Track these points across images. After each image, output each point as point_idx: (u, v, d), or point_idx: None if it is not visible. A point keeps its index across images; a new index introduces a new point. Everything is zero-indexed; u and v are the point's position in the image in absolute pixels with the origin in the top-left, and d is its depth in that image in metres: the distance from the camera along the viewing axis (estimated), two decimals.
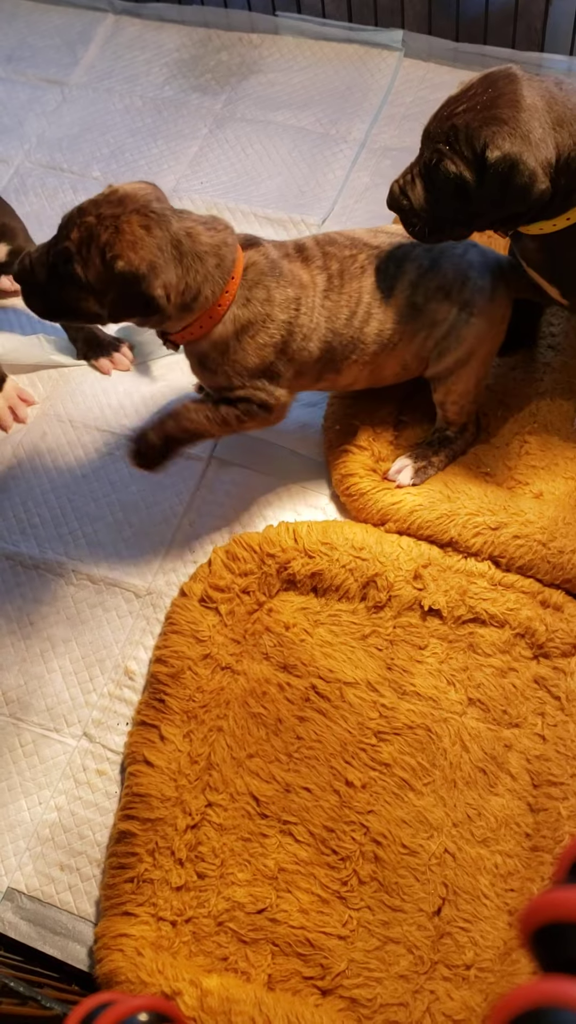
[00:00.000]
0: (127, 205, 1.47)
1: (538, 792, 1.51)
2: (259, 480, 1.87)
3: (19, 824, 1.60)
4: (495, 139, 1.37)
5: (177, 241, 1.49)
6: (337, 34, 2.56)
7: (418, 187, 1.49)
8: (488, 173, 1.39)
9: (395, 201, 1.52)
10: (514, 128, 1.37)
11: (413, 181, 1.49)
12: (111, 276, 1.45)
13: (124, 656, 1.71)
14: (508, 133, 1.37)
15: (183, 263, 1.49)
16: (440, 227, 1.52)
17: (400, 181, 1.51)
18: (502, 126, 1.37)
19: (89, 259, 1.46)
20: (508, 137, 1.37)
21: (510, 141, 1.37)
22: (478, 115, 1.39)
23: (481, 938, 1.41)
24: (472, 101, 1.40)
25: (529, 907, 0.58)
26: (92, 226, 1.46)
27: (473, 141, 1.39)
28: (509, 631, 1.63)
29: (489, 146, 1.37)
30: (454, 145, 1.41)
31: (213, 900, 1.46)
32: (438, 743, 1.55)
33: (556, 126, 1.40)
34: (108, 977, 1.41)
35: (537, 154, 1.38)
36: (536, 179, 1.38)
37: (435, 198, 1.48)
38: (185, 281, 1.50)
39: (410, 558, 1.68)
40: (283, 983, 1.40)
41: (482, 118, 1.38)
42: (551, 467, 1.79)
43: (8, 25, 2.76)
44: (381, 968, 1.40)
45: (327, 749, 1.55)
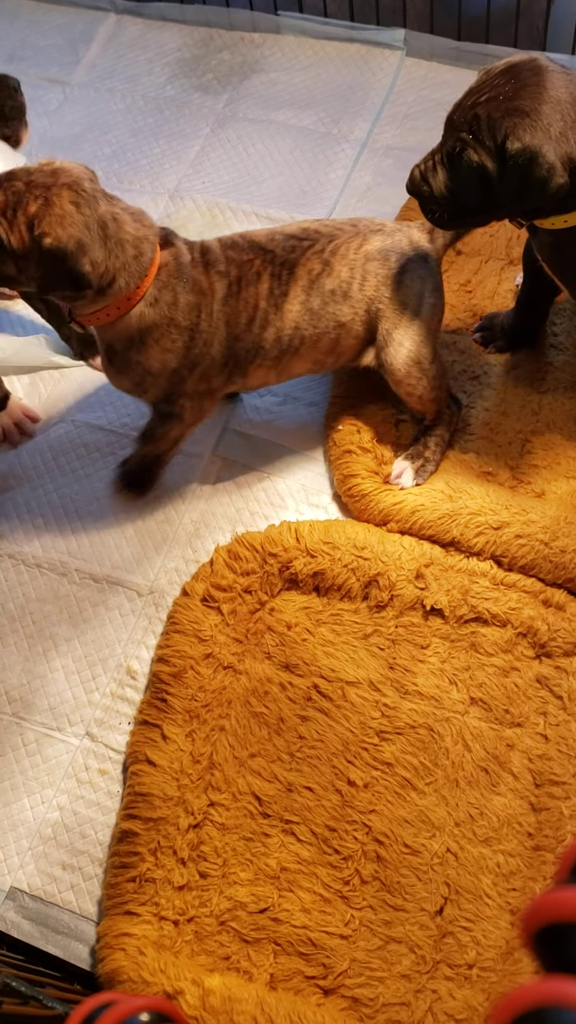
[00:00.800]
0: (59, 178, 1.47)
1: (540, 791, 1.51)
2: (261, 479, 1.87)
3: (22, 823, 1.60)
4: (516, 130, 1.36)
5: (103, 223, 1.49)
6: (339, 33, 2.56)
7: (440, 174, 1.48)
8: (508, 164, 1.38)
9: (416, 187, 1.51)
10: (535, 120, 1.36)
11: (435, 168, 1.48)
12: (39, 251, 1.46)
13: (126, 655, 1.71)
14: (529, 125, 1.36)
15: (107, 246, 1.50)
16: (461, 214, 1.52)
17: (421, 167, 1.50)
18: (524, 118, 1.36)
19: (14, 225, 1.46)
20: (529, 129, 1.36)
21: (531, 133, 1.36)
22: (500, 105, 1.37)
23: (483, 937, 1.41)
24: (496, 91, 1.39)
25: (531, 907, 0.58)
26: (20, 192, 1.45)
27: (495, 131, 1.38)
28: (511, 630, 1.63)
29: (510, 137, 1.36)
30: (477, 134, 1.40)
31: (215, 899, 1.46)
32: (440, 742, 1.55)
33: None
34: (110, 976, 1.41)
35: (557, 148, 1.37)
36: (555, 173, 1.37)
37: (457, 186, 1.47)
38: (106, 265, 1.51)
39: (412, 557, 1.68)
40: (285, 982, 1.40)
41: (504, 108, 1.37)
42: (553, 466, 1.79)
43: (10, 24, 2.77)
44: (383, 967, 1.40)
45: (329, 748, 1.55)
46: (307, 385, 1.98)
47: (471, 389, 1.89)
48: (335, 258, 1.66)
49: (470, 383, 1.90)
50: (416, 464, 1.77)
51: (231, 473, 1.88)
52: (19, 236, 1.46)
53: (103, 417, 1.98)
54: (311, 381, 1.98)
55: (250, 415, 1.95)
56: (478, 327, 1.96)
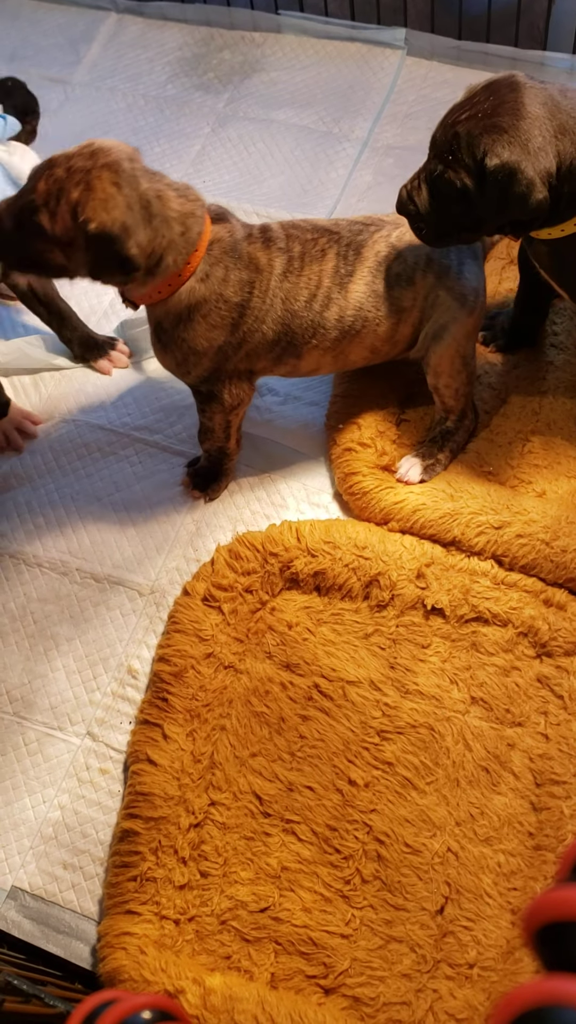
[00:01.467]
0: (98, 159, 1.46)
1: (541, 791, 1.51)
2: (262, 479, 1.87)
3: (23, 823, 1.60)
4: (494, 147, 1.38)
5: (147, 202, 1.48)
6: (340, 32, 2.55)
7: (423, 193, 1.50)
8: (488, 181, 1.40)
9: (403, 206, 1.54)
10: (514, 136, 1.38)
11: (419, 187, 1.51)
12: (85, 238, 1.46)
13: (127, 655, 1.72)
14: (508, 142, 1.38)
15: (152, 225, 1.49)
16: (446, 232, 1.53)
17: (408, 186, 1.53)
18: (502, 134, 1.38)
19: (57, 213, 1.45)
20: (507, 146, 1.38)
21: (509, 150, 1.38)
22: (479, 123, 1.40)
23: (484, 937, 1.41)
24: (475, 109, 1.41)
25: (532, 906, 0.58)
26: (61, 180, 1.45)
27: (473, 149, 1.40)
28: (512, 630, 1.63)
29: (488, 154, 1.38)
30: (456, 154, 1.42)
31: (216, 899, 1.46)
32: (441, 742, 1.55)
33: (558, 134, 1.40)
34: (111, 975, 1.41)
35: (536, 163, 1.38)
36: (534, 188, 1.39)
37: (439, 206, 1.49)
38: (152, 245, 1.50)
39: (413, 557, 1.68)
40: (286, 982, 1.40)
41: (483, 126, 1.39)
42: (554, 466, 1.79)
43: (11, 24, 2.77)
44: (384, 967, 1.40)
45: (330, 748, 1.55)
46: (308, 384, 1.98)
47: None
48: (402, 244, 1.66)
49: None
50: (426, 462, 1.77)
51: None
52: (63, 224, 1.45)
53: (104, 417, 1.98)
54: (312, 380, 1.98)
55: (251, 415, 1.95)
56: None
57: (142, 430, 1.95)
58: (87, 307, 2.14)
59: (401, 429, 1.85)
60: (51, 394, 2.04)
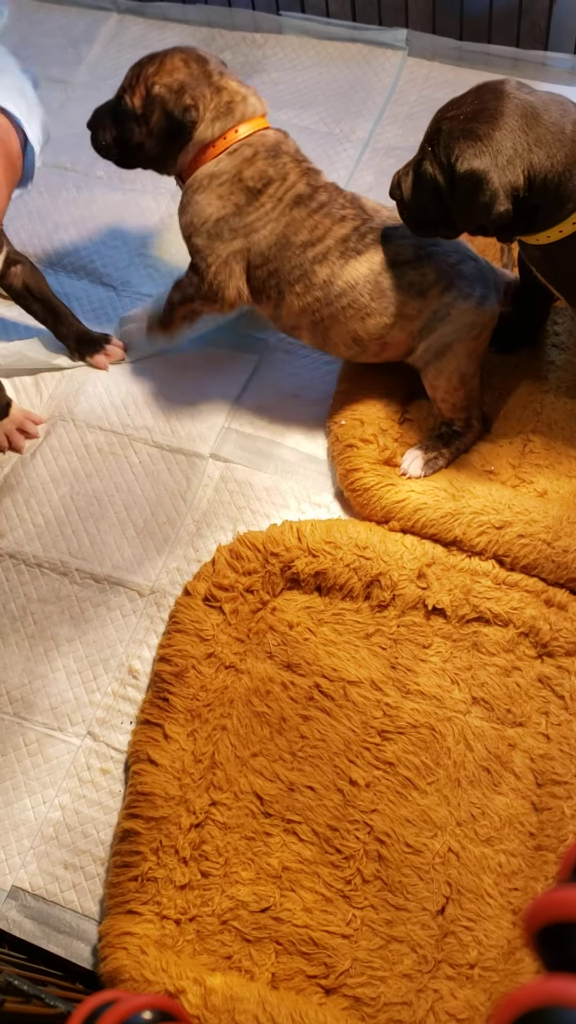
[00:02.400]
0: (175, 49, 1.73)
1: (542, 791, 1.51)
2: (263, 479, 1.87)
3: (23, 823, 1.60)
4: (464, 153, 1.40)
5: (208, 73, 1.71)
6: (341, 33, 2.55)
7: (408, 181, 1.54)
8: (456, 184, 1.43)
9: (393, 190, 1.58)
10: (486, 146, 1.39)
11: (407, 174, 1.54)
12: (151, 101, 1.69)
13: (128, 655, 1.72)
14: (480, 150, 1.39)
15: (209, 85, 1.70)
16: (425, 222, 1.57)
17: (400, 171, 1.56)
18: (476, 142, 1.40)
19: (136, 89, 1.71)
20: (478, 154, 1.39)
21: (479, 159, 1.39)
22: (459, 125, 1.42)
23: (485, 937, 1.41)
24: (460, 109, 1.43)
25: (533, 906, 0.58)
26: (143, 64, 1.72)
27: (448, 149, 1.42)
28: (513, 630, 1.63)
29: (459, 159, 1.40)
30: (435, 148, 1.45)
31: (217, 899, 1.46)
32: (442, 742, 1.55)
33: (534, 146, 1.41)
34: (112, 975, 1.41)
35: (502, 176, 1.40)
36: (496, 200, 1.40)
37: (418, 194, 1.53)
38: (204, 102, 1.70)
39: (414, 557, 1.68)
40: (287, 982, 1.40)
41: (461, 129, 1.41)
42: (555, 465, 1.79)
43: (12, 24, 2.77)
44: (385, 967, 1.40)
45: (331, 748, 1.55)
46: (309, 383, 1.98)
47: None
48: (429, 259, 1.67)
49: None
50: (429, 455, 1.78)
51: (233, 472, 1.88)
52: (139, 95, 1.70)
53: (104, 417, 1.98)
54: (313, 378, 1.98)
55: (252, 414, 1.95)
56: None
57: (142, 430, 1.95)
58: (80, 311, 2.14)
59: (404, 427, 1.85)
60: (52, 394, 2.04)
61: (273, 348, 2.04)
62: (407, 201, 1.56)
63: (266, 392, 1.98)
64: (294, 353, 2.03)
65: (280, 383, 1.99)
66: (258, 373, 2.01)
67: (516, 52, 2.41)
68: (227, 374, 2.00)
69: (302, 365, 2.01)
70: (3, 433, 1.95)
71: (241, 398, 1.98)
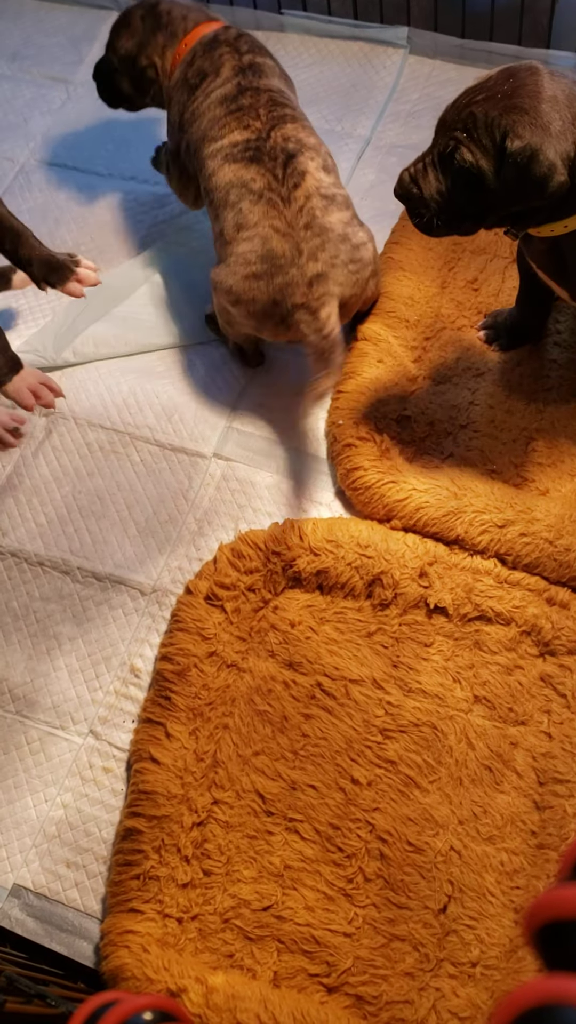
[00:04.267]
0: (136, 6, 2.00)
1: (544, 790, 1.51)
2: (264, 478, 1.87)
3: (25, 821, 1.60)
4: (516, 128, 1.34)
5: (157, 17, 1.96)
6: (342, 31, 2.55)
7: (430, 176, 1.44)
8: (507, 163, 1.35)
9: (405, 189, 1.48)
10: (535, 118, 1.34)
11: (425, 170, 1.45)
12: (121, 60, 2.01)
13: (130, 654, 1.72)
14: (529, 123, 1.34)
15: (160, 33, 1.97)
16: (450, 219, 1.48)
17: (411, 169, 1.47)
18: (523, 115, 1.34)
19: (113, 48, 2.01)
20: (529, 126, 1.34)
21: (531, 131, 1.34)
22: (498, 104, 1.35)
23: (487, 935, 1.41)
24: (492, 91, 1.37)
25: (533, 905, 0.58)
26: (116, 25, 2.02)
27: (493, 130, 1.35)
28: (515, 629, 1.62)
29: (509, 135, 1.34)
30: (472, 133, 1.37)
31: (219, 897, 1.46)
32: (444, 741, 1.55)
33: (575, 122, 1.37)
34: (114, 974, 1.42)
35: (557, 146, 1.34)
36: (555, 171, 1.35)
37: (448, 188, 1.43)
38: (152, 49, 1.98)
39: (416, 556, 1.68)
40: (289, 980, 1.40)
41: (503, 107, 1.35)
42: (557, 464, 1.79)
43: (13, 23, 2.77)
44: (387, 965, 1.40)
45: (333, 747, 1.55)
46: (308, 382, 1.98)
47: (475, 386, 1.88)
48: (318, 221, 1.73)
49: (474, 380, 1.89)
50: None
51: (234, 471, 1.88)
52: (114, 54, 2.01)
53: (105, 416, 1.98)
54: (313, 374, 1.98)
55: (253, 414, 1.95)
56: (482, 325, 1.95)
57: (144, 429, 1.95)
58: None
59: (401, 425, 1.85)
60: None
61: (274, 349, 2.04)
62: (428, 199, 1.46)
63: (267, 391, 1.98)
64: (294, 353, 2.03)
65: (281, 382, 1.98)
66: (259, 373, 2.01)
67: (518, 50, 2.40)
68: (228, 373, 2.01)
69: (303, 364, 2.01)
70: (26, 388, 1.85)
71: (242, 397, 1.97)
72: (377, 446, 1.80)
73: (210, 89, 1.83)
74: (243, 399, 1.97)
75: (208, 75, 1.85)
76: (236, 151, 1.76)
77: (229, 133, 1.78)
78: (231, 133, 1.78)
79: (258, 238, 1.71)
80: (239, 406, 1.96)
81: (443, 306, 2.00)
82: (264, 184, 1.72)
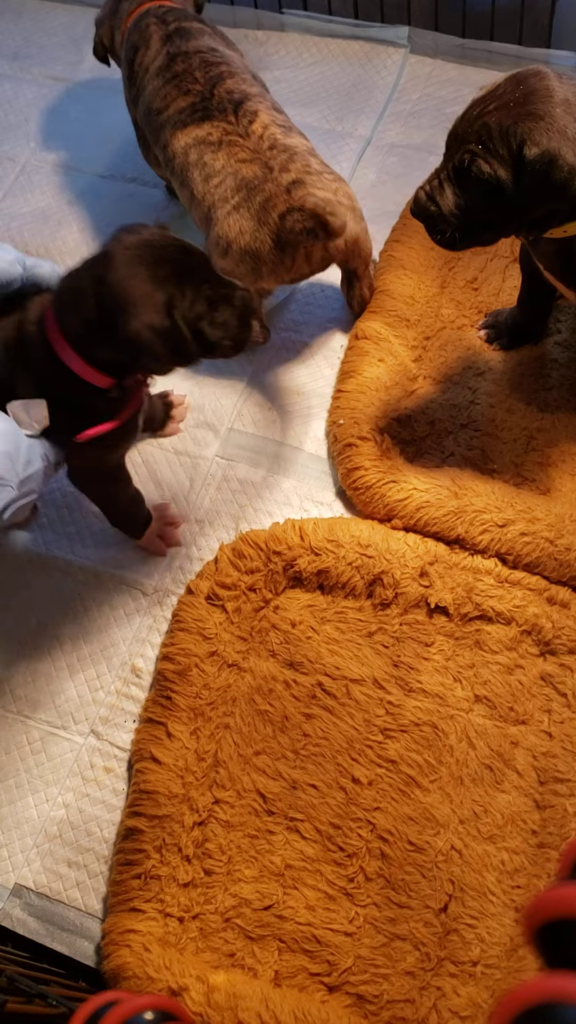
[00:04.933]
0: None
1: (544, 789, 1.51)
2: (265, 478, 1.87)
3: (27, 821, 1.60)
4: (532, 135, 1.33)
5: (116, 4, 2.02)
6: (343, 31, 2.55)
7: (447, 192, 1.43)
8: (526, 171, 1.35)
9: (423, 208, 1.46)
10: (550, 124, 1.33)
11: (441, 186, 1.44)
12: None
13: (131, 654, 1.72)
14: (545, 128, 1.33)
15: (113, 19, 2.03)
16: (471, 232, 1.47)
17: (426, 187, 1.45)
18: (538, 121, 1.33)
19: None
20: (545, 132, 1.33)
21: (547, 136, 1.33)
22: (511, 112, 1.35)
23: (488, 935, 1.41)
24: (502, 99, 1.36)
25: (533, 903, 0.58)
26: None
27: (509, 139, 1.35)
28: (516, 628, 1.63)
29: (527, 143, 1.33)
30: (487, 144, 1.36)
31: (220, 897, 1.46)
32: (444, 740, 1.55)
33: None
34: (115, 973, 1.42)
35: (575, 149, 1.34)
36: (575, 174, 1.35)
37: (466, 202, 1.42)
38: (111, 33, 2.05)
39: (416, 555, 1.68)
40: (290, 979, 1.40)
41: (516, 114, 1.34)
42: (558, 464, 1.79)
43: (14, 23, 2.77)
44: (388, 964, 1.40)
45: (333, 746, 1.55)
46: (310, 382, 1.98)
47: (476, 385, 1.88)
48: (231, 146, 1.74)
49: (475, 379, 1.89)
50: None
51: (235, 472, 1.89)
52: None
53: None
54: (314, 377, 1.98)
55: (253, 414, 1.95)
56: (483, 324, 1.95)
57: (145, 432, 1.95)
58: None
59: (401, 425, 1.85)
60: None
61: (275, 349, 2.04)
62: (448, 215, 1.44)
63: (268, 392, 1.98)
64: (295, 353, 2.03)
65: (281, 383, 1.99)
66: (259, 373, 2.01)
67: (519, 50, 2.40)
68: (229, 374, 2.00)
69: (303, 365, 2.01)
70: (156, 538, 1.81)
71: (243, 398, 1.98)
72: (378, 445, 1.80)
73: (145, 63, 1.88)
74: (244, 400, 1.97)
75: (139, 48, 1.90)
76: (184, 116, 1.79)
77: (172, 102, 1.81)
78: (174, 102, 1.81)
79: (229, 176, 1.73)
80: (240, 407, 1.96)
81: (444, 305, 2.00)
82: (220, 134, 1.75)
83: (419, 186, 1.47)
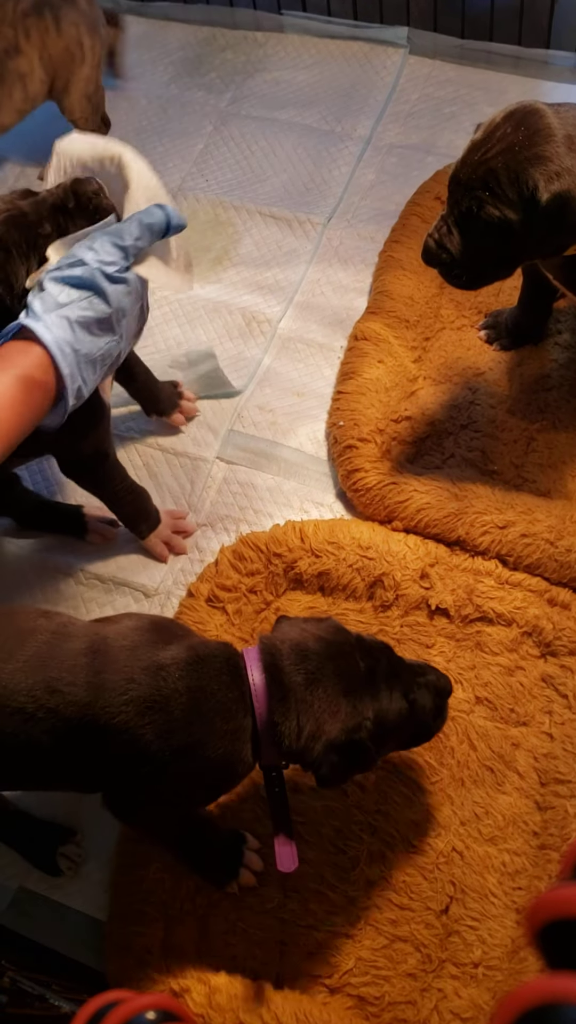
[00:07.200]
0: None
1: (545, 790, 1.51)
2: (265, 480, 1.87)
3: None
4: (543, 179, 1.34)
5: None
6: (342, 32, 2.55)
7: (455, 237, 1.44)
8: (538, 214, 1.36)
9: (433, 256, 1.47)
10: (559, 164, 1.34)
11: (450, 232, 1.45)
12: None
13: None
14: (555, 171, 1.34)
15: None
16: (483, 272, 1.49)
17: (435, 235, 1.46)
18: (547, 164, 1.34)
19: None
20: (555, 175, 1.34)
21: (558, 179, 1.34)
22: (517, 156, 1.35)
23: (489, 936, 1.41)
24: (505, 142, 1.36)
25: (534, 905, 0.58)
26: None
27: (519, 184, 1.35)
28: (516, 629, 1.62)
29: (539, 188, 1.34)
30: (495, 190, 1.37)
31: (222, 899, 1.46)
32: (445, 742, 1.55)
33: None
34: (117, 975, 1.42)
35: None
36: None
37: (474, 246, 1.44)
38: None
39: (417, 557, 1.68)
40: (291, 981, 1.40)
41: (523, 158, 1.35)
42: (559, 465, 1.79)
43: None
44: (389, 966, 1.40)
45: None
46: (310, 384, 1.98)
47: (476, 386, 1.89)
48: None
49: (475, 380, 1.89)
50: None
51: (235, 474, 1.89)
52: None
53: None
54: (314, 379, 1.98)
55: (254, 416, 1.95)
56: (483, 324, 1.96)
57: (145, 432, 1.95)
58: None
59: (400, 426, 1.85)
60: None
61: (275, 349, 2.04)
62: (459, 259, 1.45)
63: (268, 394, 1.98)
64: (295, 354, 2.03)
65: (282, 384, 1.99)
66: (260, 375, 2.01)
67: (518, 50, 2.40)
68: (229, 375, 2.00)
69: (303, 366, 2.01)
70: (160, 542, 1.80)
71: (243, 400, 1.97)
72: (378, 447, 1.80)
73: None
74: (244, 401, 1.97)
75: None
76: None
77: None
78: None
79: None
80: (240, 408, 1.96)
81: (443, 306, 2.01)
82: None
83: (428, 233, 1.48)
